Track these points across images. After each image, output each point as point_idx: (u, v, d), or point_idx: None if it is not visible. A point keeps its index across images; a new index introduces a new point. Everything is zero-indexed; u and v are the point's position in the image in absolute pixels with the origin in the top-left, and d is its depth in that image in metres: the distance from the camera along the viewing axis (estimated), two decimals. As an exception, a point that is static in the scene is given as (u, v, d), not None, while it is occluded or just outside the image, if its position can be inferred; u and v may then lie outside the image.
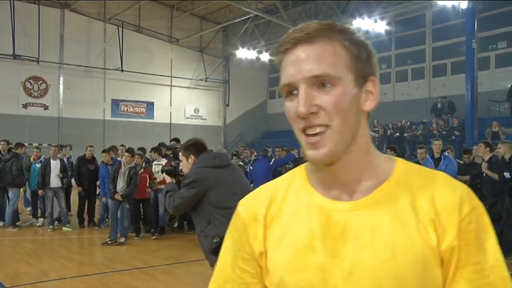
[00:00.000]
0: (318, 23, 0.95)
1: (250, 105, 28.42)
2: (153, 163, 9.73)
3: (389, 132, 18.70)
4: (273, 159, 9.97)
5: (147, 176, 9.22)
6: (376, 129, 19.87)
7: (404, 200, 0.93)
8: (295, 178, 1.05)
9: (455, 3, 16.00)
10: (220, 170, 3.52)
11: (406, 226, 0.91)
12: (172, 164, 4.10)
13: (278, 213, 1.02)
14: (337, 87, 0.91)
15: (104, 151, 10.21)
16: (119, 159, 9.99)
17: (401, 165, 0.99)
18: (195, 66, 26.69)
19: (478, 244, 0.91)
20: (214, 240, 3.31)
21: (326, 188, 0.99)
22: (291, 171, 1.10)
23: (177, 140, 10.63)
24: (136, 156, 9.16)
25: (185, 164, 3.67)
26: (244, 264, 1.03)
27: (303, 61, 0.91)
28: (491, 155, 7.56)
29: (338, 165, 0.95)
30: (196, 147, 3.68)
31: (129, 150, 8.84)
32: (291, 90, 0.94)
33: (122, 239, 8.55)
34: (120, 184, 8.54)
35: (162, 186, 8.79)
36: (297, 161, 10.39)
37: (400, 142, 16.89)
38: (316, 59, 0.91)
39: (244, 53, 24.70)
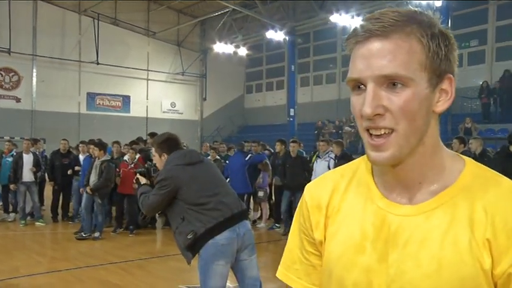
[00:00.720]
0: (396, 12, 0.87)
1: (227, 99, 28.38)
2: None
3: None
4: (249, 155, 9.97)
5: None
6: (353, 124, 20.09)
7: (463, 212, 0.87)
8: (360, 170, 1.02)
9: (430, 2, 16.21)
10: (191, 167, 3.49)
11: (459, 242, 0.85)
12: (146, 165, 4.03)
13: (339, 205, 1.01)
14: (407, 89, 0.84)
15: (82, 142, 10.09)
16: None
17: (469, 169, 0.92)
18: (172, 60, 26.48)
19: None
20: (188, 237, 3.29)
21: (386, 186, 0.95)
22: (359, 159, 1.06)
23: (153, 134, 10.51)
24: (131, 151, 9.10)
25: (158, 161, 3.65)
26: (310, 248, 1.05)
27: (374, 57, 0.85)
28: (463, 150, 7.71)
29: (400, 166, 0.90)
30: (168, 143, 3.63)
31: (99, 144, 8.70)
32: (358, 85, 0.88)
33: (97, 234, 8.45)
34: (92, 178, 8.43)
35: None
36: (274, 156, 10.39)
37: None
38: (388, 56, 0.84)
39: (221, 47, 24.62)
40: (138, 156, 9.18)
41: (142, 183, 3.80)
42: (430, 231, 0.88)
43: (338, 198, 1.01)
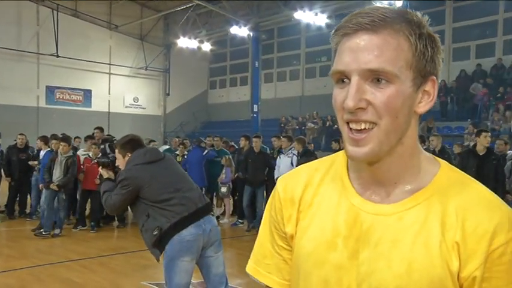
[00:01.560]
0: (387, 9, 0.87)
1: (190, 95, 28.18)
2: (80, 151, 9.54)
3: (328, 124, 19.16)
4: (206, 151, 10.00)
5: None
6: (315, 121, 20.32)
7: (436, 214, 0.87)
8: (336, 164, 1.01)
9: (391, 1, 16.55)
10: (152, 165, 3.49)
11: (429, 244, 0.86)
12: (109, 156, 3.97)
13: (312, 199, 1.00)
14: (392, 85, 0.84)
15: (55, 138, 9.78)
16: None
17: (444, 172, 0.92)
18: (134, 54, 26.06)
19: (510, 279, 0.84)
20: (154, 233, 3.29)
21: (362, 184, 0.95)
22: (334, 154, 1.05)
23: (101, 129, 10.33)
24: (93, 146, 8.93)
25: (121, 162, 3.61)
26: (281, 242, 1.04)
27: (362, 51, 0.84)
28: (424, 147, 7.95)
29: (377, 165, 0.90)
30: (131, 144, 3.61)
31: (65, 139, 8.51)
32: (342, 78, 0.87)
33: (57, 231, 8.25)
34: (57, 174, 8.22)
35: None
36: (238, 151, 10.42)
37: (339, 134, 17.33)
38: (375, 51, 0.84)
39: (185, 42, 24.43)
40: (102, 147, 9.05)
41: (105, 177, 3.76)
42: (402, 232, 0.88)
43: (311, 192, 1.00)
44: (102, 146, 8.98)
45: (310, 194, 1.00)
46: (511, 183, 6.67)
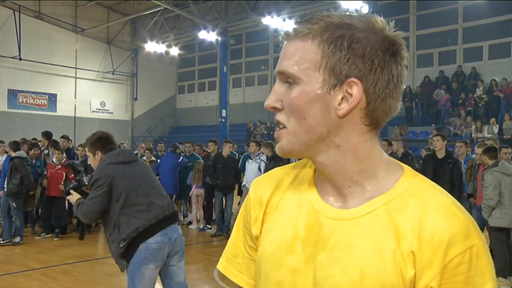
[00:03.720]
0: (319, 17, 0.89)
1: (158, 99, 27.91)
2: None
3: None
4: (181, 157, 9.92)
5: (64, 174, 8.62)
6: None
7: (392, 221, 0.86)
8: (306, 168, 1.03)
9: (358, 7, 16.85)
10: (125, 165, 3.44)
11: (383, 251, 0.85)
12: (77, 178, 3.82)
13: (278, 202, 1.01)
14: (297, 86, 0.88)
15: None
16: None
17: (406, 178, 0.91)
18: (101, 58, 25.63)
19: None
20: (121, 245, 3.25)
21: (323, 188, 0.96)
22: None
23: (47, 133, 9.95)
24: (56, 152, 8.67)
25: (92, 161, 3.56)
26: (251, 242, 1.05)
27: (281, 56, 0.92)
28: (389, 152, 8.08)
29: (322, 167, 0.92)
30: (101, 142, 3.55)
31: (14, 144, 8.25)
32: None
33: (17, 239, 8.01)
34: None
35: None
36: (206, 157, 10.36)
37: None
38: (287, 55, 0.90)
39: (153, 47, 24.20)
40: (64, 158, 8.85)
41: (76, 199, 3.56)
42: (357, 238, 0.87)
43: (279, 195, 1.02)
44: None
45: (277, 197, 1.02)
46: (473, 187, 6.84)
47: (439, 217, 0.84)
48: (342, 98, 0.87)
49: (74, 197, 3.59)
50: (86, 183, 3.64)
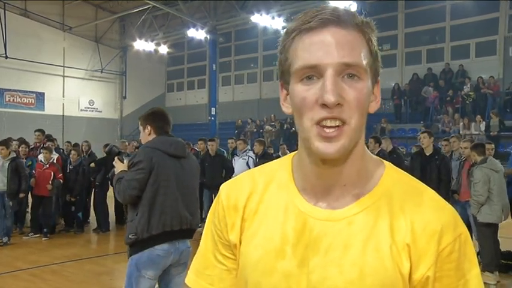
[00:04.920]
0: (342, 9, 0.87)
1: (148, 98, 27.76)
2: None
3: (285, 126, 19.33)
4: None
5: (52, 173, 8.53)
6: (273, 123, 20.46)
7: (384, 217, 0.87)
8: (280, 171, 0.99)
9: (346, 5, 16.90)
10: (173, 159, 3.26)
11: (380, 248, 0.85)
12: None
13: (257, 206, 0.97)
14: (362, 82, 0.84)
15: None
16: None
17: (389, 174, 0.92)
18: (89, 56, 25.47)
19: (459, 276, 0.85)
20: (130, 236, 3.14)
21: (309, 190, 0.93)
22: (277, 160, 1.03)
23: (41, 131, 9.98)
24: (44, 151, 8.58)
25: (142, 135, 3.43)
26: (225, 251, 1.00)
27: (334, 45, 0.82)
28: (379, 149, 8.09)
29: (332, 167, 0.88)
30: (153, 116, 3.41)
31: (3, 143, 8.16)
32: (310, 75, 0.84)
33: (5, 239, 7.94)
34: None
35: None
36: (196, 155, 10.35)
37: (296, 137, 17.52)
38: (348, 45, 0.82)
39: (142, 45, 24.11)
40: (56, 156, 8.78)
41: (119, 169, 3.37)
42: (353, 237, 0.87)
43: (256, 199, 0.97)
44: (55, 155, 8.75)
45: (255, 202, 0.97)
46: (458, 183, 6.90)
47: (429, 209, 0.86)
48: (373, 96, 0.91)
49: (118, 165, 3.40)
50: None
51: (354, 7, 16.91)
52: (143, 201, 3.15)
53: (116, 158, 3.45)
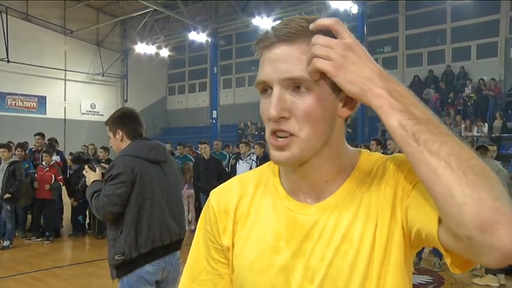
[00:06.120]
0: (302, 19, 0.89)
1: (149, 101, 27.80)
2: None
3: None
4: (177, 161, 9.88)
5: (53, 176, 8.54)
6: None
7: (365, 200, 0.91)
8: (268, 174, 1.03)
9: (347, 7, 16.92)
10: (154, 166, 2.95)
11: (370, 217, 0.89)
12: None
13: (248, 209, 1.00)
14: (311, 93, 0.86)
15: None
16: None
17: (362, 159, 0.97)
18: (91, 60, 25.50)
19: (410, 180, 0.88)
20: (116, 258, 2.86)
21: (294, 188, 0.97)
22: (265, 165, 1.06)
23: (41, 134, 9.98)
24: (45, 154, 8.58)
25: (114, 142, 3.04)
26: (217, 255, 1.02)
27: (281, 61, 0.87)
28: (381, 151, 8.10)
29: (307, 167, 0.92)
30: (123, 119, 3.00)
31: (5, 145, 8.18)
32: (265, 88, 0.90)
33: (6, 243, 7.94)
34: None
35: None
36: (196, 158, 10.35)
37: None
38: (293, 60, 0.86)
39: (143, 48, 24.12)
40: (54, 159, 8.79)
41: (91, 179, 3.01)
42: (341, 217, 0.90)
43: (246, 202, 1.00)
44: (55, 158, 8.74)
45: (245, 205, 1.00)
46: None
47: (393, 163, 0.92)
48: (345, 101, 0.91)
49: (90, 174, 3.03)
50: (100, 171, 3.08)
51: (354, 9, 16.95)
52: (127, 218, 2.85)
53: (86, 166, 3.09)
